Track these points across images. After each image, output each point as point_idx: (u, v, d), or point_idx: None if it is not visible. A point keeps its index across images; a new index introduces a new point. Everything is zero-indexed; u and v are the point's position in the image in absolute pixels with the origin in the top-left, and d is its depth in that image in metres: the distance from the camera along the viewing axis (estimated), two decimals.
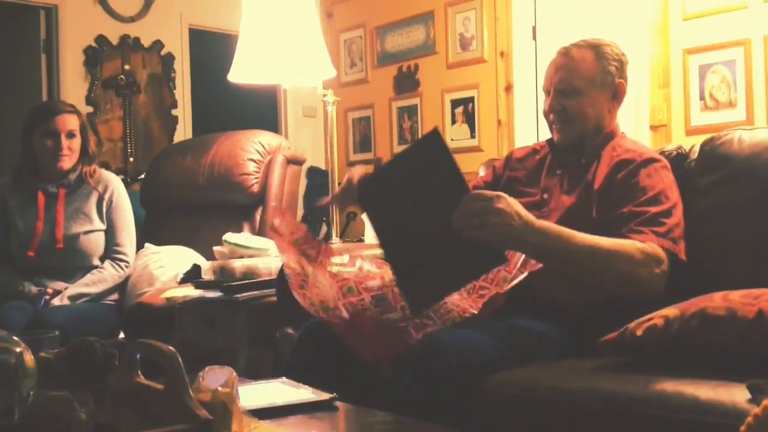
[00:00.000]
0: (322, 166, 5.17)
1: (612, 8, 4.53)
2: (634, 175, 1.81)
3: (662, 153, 2.00)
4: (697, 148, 2.02)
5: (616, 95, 1.95)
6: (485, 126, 4.84)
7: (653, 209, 1.76)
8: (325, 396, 1.40)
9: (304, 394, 1.43)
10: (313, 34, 2.83)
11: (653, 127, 4.16)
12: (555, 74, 1.93)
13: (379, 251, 1.66)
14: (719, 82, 3.90)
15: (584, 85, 1.90)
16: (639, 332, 1.56)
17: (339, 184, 2.99)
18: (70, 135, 2.77)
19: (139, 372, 1.11)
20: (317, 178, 5.25)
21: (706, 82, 3.94)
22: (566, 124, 1.92)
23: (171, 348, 1.03)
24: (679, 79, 4.04)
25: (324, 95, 2.88)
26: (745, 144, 1.91)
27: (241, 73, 2.79)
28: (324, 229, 4.92)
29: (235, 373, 1.11)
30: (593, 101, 1.91)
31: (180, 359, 1.02)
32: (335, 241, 2.78)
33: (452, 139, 4.92)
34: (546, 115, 1.97)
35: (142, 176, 3.89)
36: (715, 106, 3.91)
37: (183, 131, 5.08)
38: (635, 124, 4.17)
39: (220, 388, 1.05)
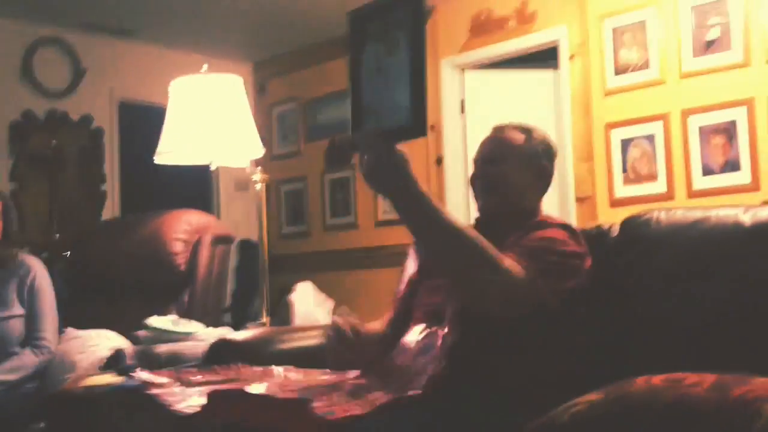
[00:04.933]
0: (255, 239, 5.13)
1: (536, 84, 4.69)
2: (532, 230, 1.84)
3: (583, 230, 2.04)
4: (617, 227, 2.07)
5: (542, 177, 1.99)
6: None
7: (532, 244, 1.77)
8: None
9: None
10: (242, 114, 2.84)
11: (579, 199, 4.27)
12: (485, 145, 1.99)
13: None
14: (640, 155, 4.04)
15: (510, 156, 1.94)
16: (566, 417, 1.57)
17: (269, 258, 3.01)
18: None
19: None
20: (250, 251, 5.20)
21: (628, 155, 4.07)
22: (489, 191, 1.95)
23: None
24: (601, 153, 4.17)
25: (253, 174, 2.87)
26: (663, 223, 1.97)
27: (169, 153, 2.77)
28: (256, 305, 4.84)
29: None
30: (517, 172, 1.95)
31: None
32: (263, 321, 2.74)
33: (384, 211, 4.95)
34: (472, 183, 2.01)
35: (67, 253, 3.80)
36: (637, 179, 4.04)
37: (111, 206, 4.99)
38: (561, 197, 4.28)
39: None
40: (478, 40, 4.66)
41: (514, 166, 1.94)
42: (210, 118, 2.73)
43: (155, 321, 2.50)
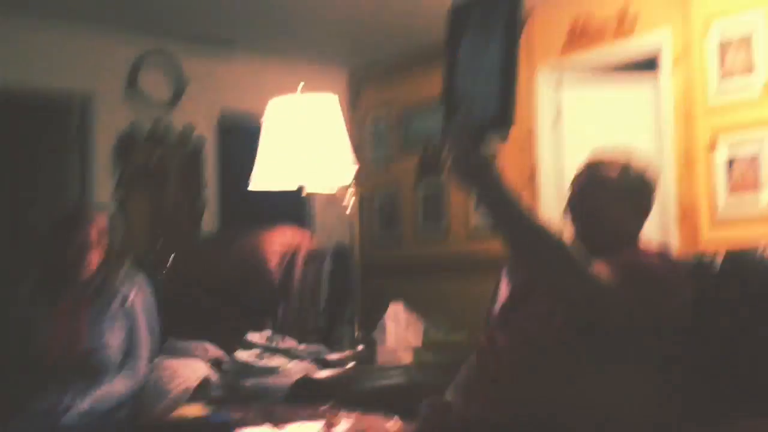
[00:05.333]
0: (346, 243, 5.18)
1: (636, 92, 4.54)
2: (627, 255, 1.79)
3: (683, 262, 1.97)
4: (719, 259, 1.98)
5: (639, 211, 1.94)
6: None
7: (625, 261, 1.72)
8: None
9: None
10: (337, 134, 2.86)
11: (679, 216, 4.10)
12: (579, 179, 1.95)
13: None
14: (746, 169, 3.86)
15: (605, 192, 1.90)
16: None
17: (362, 261, 3.04)
18: (97, 239, 2.78)
19: None
20: (343, 257, 5.25)
21: (734, 169, 3.89)
22: (583, 224, 1.92)
23: None
24: (704, 167, 4.00)
25: (344, 200, 2.91)
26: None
27: (263, 179, 2.82)
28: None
29: None
30: (612, 208, 1.90)
31: None
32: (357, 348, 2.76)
33: (477, 220, 4.91)
34: (566, 209, 1.98)
35: (168, 263, 3.91)
36: (743, 195, 3.84)
37: (210, 217, 5.13)
38: (661, 214, 4.13)
39: None
40: (576, 46, 4.54)
41: (608, 202, 1.90)
42: (304, 140, 2.76)
43: (253, 339, 2.55)
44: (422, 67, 5.33)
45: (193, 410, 2.49)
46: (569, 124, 4.67)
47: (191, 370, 2.75)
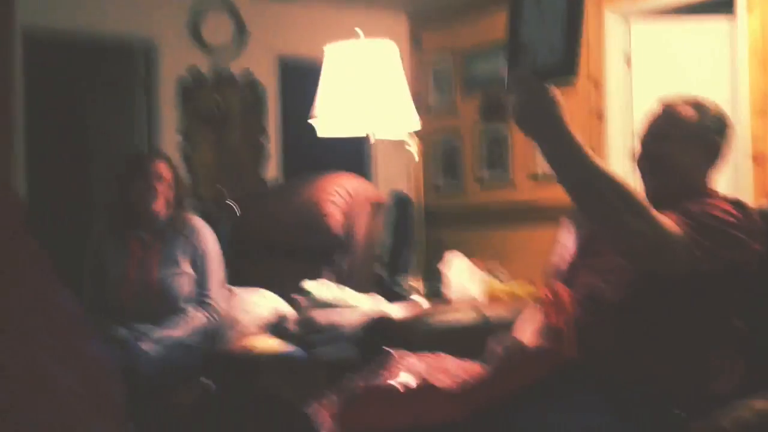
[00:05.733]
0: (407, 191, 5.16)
1: (709, 34, 4.36)
2: (696, 201, 1.73)
3: (758, 210, 1.89)
4: None
5: (713, 155, 1.87)
6: None
7: (693, 209, 1.67)
8: None
9: None
10: (398, 82, 2.82)
11: (754, 158, 3.98)
12: (653, 121, 1.89)
13: None
14: None
15: (681, 134, 1.84)
16: (728, 424, 1.49)
17: (424, 209, 3.01)
18: (163, 183, 2.86)
19: None
20: (404, 204, 5.24)
21: None
22: (656, 172, 1.86)
23: None
24: None
25: (408, 145, 2.87)
26: None
27: (326, 124, 2.82)
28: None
29: None
30: (687, 151, 1.84)
31: None
32: (417, 293, 2.76)
33: (541, 167, 4.83)
34: (637, 162, 1.92)
35: (231, 210, 3.96)
36: None
37: (273, 160, 5.16)
38: (734, 155, 3.99)
39: None
40: None
41: (684, 145, 1.84)
42: (365, 88, 2.74)
43: (311, 287, 2.58)
44: (482, 10, 5.21)
45: (270, 343, 2.52)
46: (638, 68, 4.52)
47: (263, 298, 2.79)
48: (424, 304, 2.71)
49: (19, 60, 4.15)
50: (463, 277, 2.66)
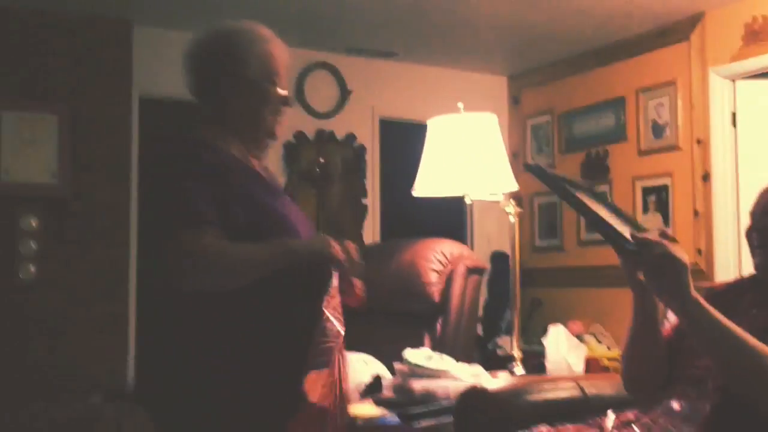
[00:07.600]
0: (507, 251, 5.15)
1: None
2: None
3: None
4: None
5: None
6: (680, 216, 4.62)
7: None
8: None
9: None
10: (496, 150, 2.86)
11: None
12: (764, 196, 1.84)
13: None
14: None
15: None
16: None
17: (520, 270, 3.01)
18: None
19: None
20: (502, 263, 5.22)
21: None
22: (765, 246, 1.80)
23: None
24: None
25: (505, 206, 2.89)
26: None
27: (425, 186, 2.87)
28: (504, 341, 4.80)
29: None
30: None
31: None
32: (515, 363, 2.74)
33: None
34: (747, 236, 1.87)
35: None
36: None
37: (371, 220, 5.25)
38: None
39: None
40: (751, 49, 4.28)
41: None
42: (465, 154, 2.78)
43: (411, 355, 2.60)
44: (580, 71, 5.22)
45: (366, 408, 2.55)
46: (744, 128, 4.41)
47: (365, 363, 2.82)
48: (523, 374, 2.68)
49: (135, 119, 4.50)
50: (563, 348, 2.62)
